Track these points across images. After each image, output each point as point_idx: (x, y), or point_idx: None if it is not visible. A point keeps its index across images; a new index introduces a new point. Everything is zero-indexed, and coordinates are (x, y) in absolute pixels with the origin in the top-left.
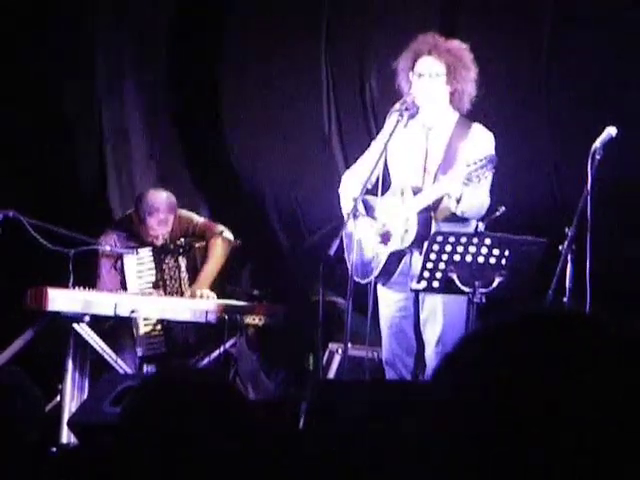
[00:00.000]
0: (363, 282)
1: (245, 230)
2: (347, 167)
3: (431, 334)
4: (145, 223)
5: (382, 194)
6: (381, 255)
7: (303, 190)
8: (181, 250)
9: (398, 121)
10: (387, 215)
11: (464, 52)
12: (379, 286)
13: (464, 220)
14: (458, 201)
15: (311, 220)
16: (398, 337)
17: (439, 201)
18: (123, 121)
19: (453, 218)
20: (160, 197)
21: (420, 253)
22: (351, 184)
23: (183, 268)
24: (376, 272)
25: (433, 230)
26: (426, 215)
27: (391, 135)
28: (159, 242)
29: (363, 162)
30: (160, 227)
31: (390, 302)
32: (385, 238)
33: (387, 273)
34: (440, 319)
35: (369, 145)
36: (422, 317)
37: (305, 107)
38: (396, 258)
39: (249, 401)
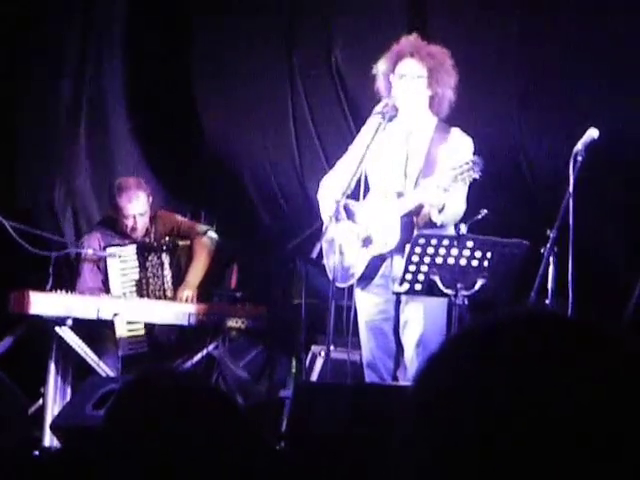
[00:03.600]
0: (343, 286)
1: (228, 229)
2: (322, 148)
3: (411, 336)
4: (119, 207)
5: (363, 198)
6: (362, 259)
7: (284, 176)
8: (164, 248)
9: (380, 124)
10: (369, 219)
11: (445, 57)
12: (358, 290)
13: (442, 227)
14: (440, 211)
15: (294, 208)
16: (379, 340)
17: (421, 206)
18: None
19: (432, 225)
20: (127, 178)
21: (402, 256)
22: (331, 188)
23: (166, 266)
24: (357, 276)
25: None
26: (409, 219)
27: (373, 139)
28: (139, 232)
29: (342, 166)
30: (133, 205)
31: (370, 305)
32: (367, 242)
33: (368, 277)
34: (421, 321)
35: (340, 123)
36: (402, 319)
37: (274, 90)
38: (377, 262)
39: (231, 403)
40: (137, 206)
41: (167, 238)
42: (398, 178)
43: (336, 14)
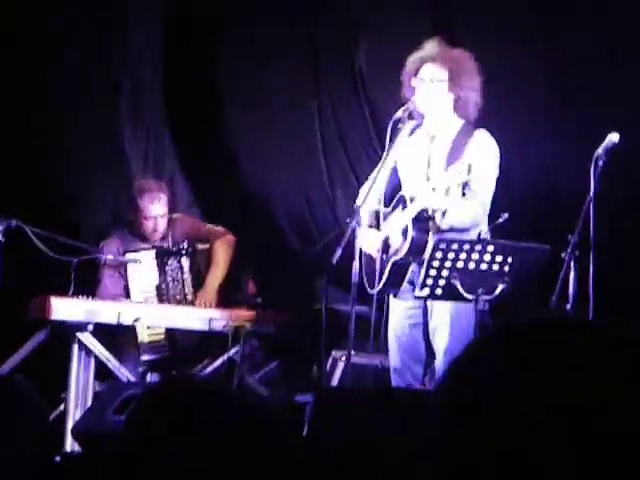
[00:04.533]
0: (371, 292)
1: (249, 235)
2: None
3: (439, 344)
4: (140, 209)
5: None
6: (385, 265)
7: (311, 189)
8: (183, 252)
9: (399, 129)
10: (389, 226)
11: (467, 60)
12: (391, 297)
13: (464, 229)
14: (443, 214)
15: (321, 220)
16: (407, 346)
17: (434, 211)
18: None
19: (455, 228)
20: (148, 180)
21: (420, 262)
22: (364, 196)
23: (186, 269)
24: (381, 282)
25: (431, 239)
26: (423, 224)
27: (391, 144)
28: (159, 234)
29: (375, 174)
30: (154, 206)
31: (400, 311)
32: (386, 248)
33: (395, 283)
34: (447, 329)
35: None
36: (431, 326)
37: (299, 104)
38: (400, 268)
39: (254, 409)
40: (158, 208)
41: (185, 242)
42: (421, 182)
43: (359, 25)
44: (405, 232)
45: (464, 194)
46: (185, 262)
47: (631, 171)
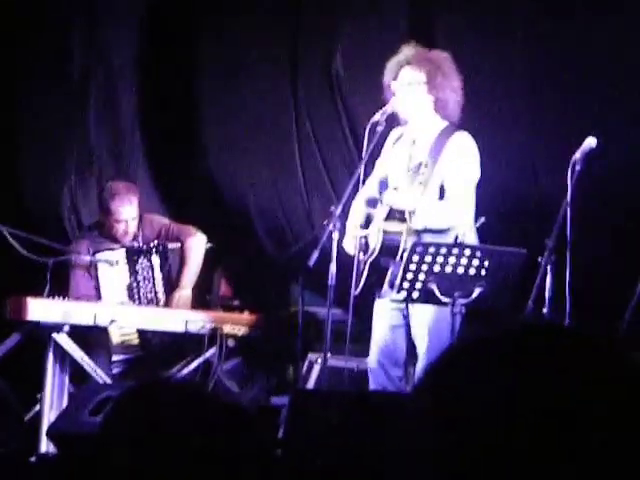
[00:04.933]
0: (355, 293)
1: (223, 238)
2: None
3: (420, 347)
4: (110, 211)
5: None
6: (364, 267)
7: (286, 193)
8: (154, 251)
9: (375, 133)
10: (370, 227)
11: (445, 61)
12: (376, 298)
13: (441, 231)
14: (411, 215)
15: (296, 224)
16: (385, 347)
17: (411, 213)
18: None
19: (430, 228)
20: (118, 182)
21: (397, 264)
22: (357, 200)
23: (157, 269)
24: (361, 283)
25: (405, 239)
26: (395, 224)
27: (369, 146)
28: (129, 236)
29: (370, 178)
30: (126, 209)
31: (382, 312)
32: (365, 250)
33: (376, 285)
34: (427, 332)
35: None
36: (412, 331)
37: (275, 107)
38: (379, 269)
39: (230, 411)
40: (130, 210)
41: (156, 241)
42: (403, 185)
43: (338, 24)
44: (379, 234)
45: (442, 196)
46: (156, 261)
47: (609, 174)
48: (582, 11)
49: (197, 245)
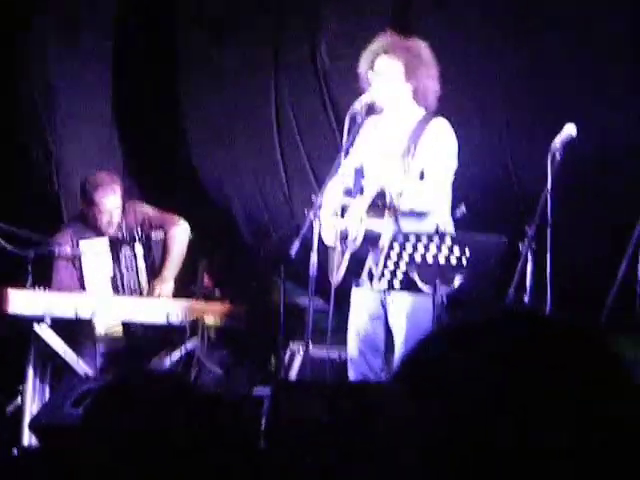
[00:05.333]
0: (334, 282)
1: (205, 228)
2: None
3: (398, 336)
4: (94, 202)
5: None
6: (344, 256)
7: (267, 183)
8: (137, 240)
9: (356, 124)
10: (349, 217)
11: (422, 49)
12: (353, 287)
13: (421, 215)
14: (400, 195)
15: (277, 214)
16: (365, 337)
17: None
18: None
19: (410, 214)
20: (100, 173)
21: (377, 253)
22: (331, 189)
23: (140, 258)
24: (341, 273)
25: (387, 229)
26: (377, 215)
27: (348, 136)
28: (114, 227)
29: (339, 166)
30: (109, 200)
31: (360, 301)
32: (344, 239)
33: (355, 274)
34: (404, 324)
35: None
36: (390, 321)
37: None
38: (359, 259)
39: (211, 402)
40: (113, 200)
41: (139, 230)
42: (382, 172)
43: (323, 12)
44: (361, 222)
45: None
46: (139, 250)
47: (587, 162)
48: (557, 5)
49: (180, 235)
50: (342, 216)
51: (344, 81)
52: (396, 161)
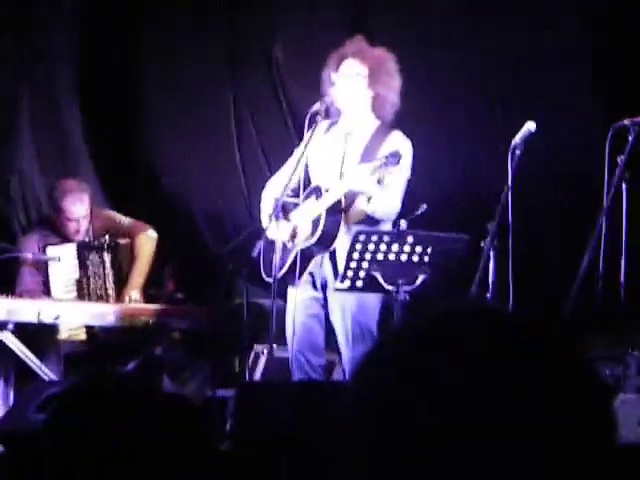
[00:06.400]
0: (268, 280)
1: (167, 232)
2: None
3: (340, 337)
4: (61, 209)
5: (305, 198)
6: (289, 255)
7: (226, 185)
8: (105, 246)
9: (315, 124)
10: (299, 216)
11: (388, 60)
12: (289, 287)
13: (376, 222)
14: (369, 200)
15: (236, 216)
16: (304, 337)
17: (351, 204)
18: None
19: (366, 221)
20: (68, 180)
21: (329, 254)
22: (272, 190)
23: (108, 264)
24: (282, 271)
25: (342, 231)
26: (336, 217)
27: (309, 138)
28: (81, 234)
29: (286, 168)
30: (77, 208)
31: (298, 301)
32: (292, 238)
33: (295, 273)
34: (349, 324)
35: (282, 128)
36: (332, 319)
37: (215, 97)
38: (304, 258)
39: (175, 405)
40: (81, 209)
41: (107, 236)
42: (334, 178)
43: (278, 14)
44: (316, 222)
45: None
46: (107, 257)
47: (548, 159)
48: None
49: (147, 242)
50: (285, 214)
51: (299, 78)
52: (363, 168)
